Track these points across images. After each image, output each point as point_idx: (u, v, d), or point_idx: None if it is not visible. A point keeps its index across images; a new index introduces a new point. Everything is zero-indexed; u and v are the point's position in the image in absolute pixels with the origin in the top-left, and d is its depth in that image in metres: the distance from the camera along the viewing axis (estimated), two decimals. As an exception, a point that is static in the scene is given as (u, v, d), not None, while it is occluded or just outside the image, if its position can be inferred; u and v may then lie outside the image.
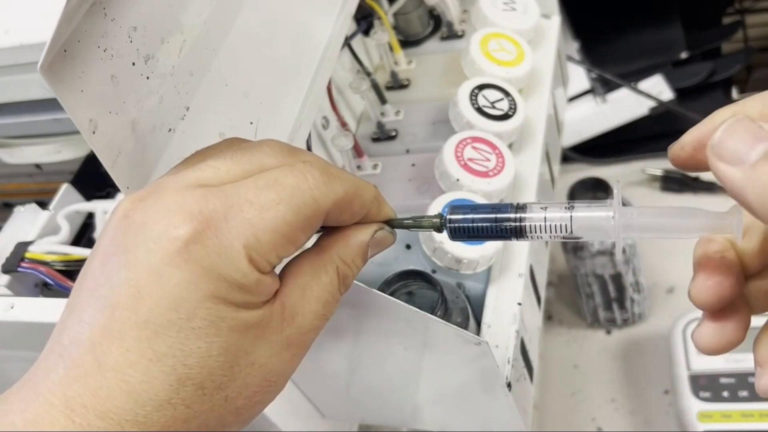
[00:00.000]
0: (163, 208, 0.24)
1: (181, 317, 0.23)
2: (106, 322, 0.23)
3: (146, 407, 0.23)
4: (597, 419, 0.71)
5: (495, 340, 0.41)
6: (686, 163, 0.26)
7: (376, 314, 0.37)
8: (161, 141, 0.30)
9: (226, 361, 0.24)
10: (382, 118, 0.56)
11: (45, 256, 0.44)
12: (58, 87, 0.24)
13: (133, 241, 0.24)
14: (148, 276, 0.23)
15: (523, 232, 0.28)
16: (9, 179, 0.62)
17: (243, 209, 0.25)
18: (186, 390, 0.23)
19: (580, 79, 0.89)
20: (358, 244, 0.29)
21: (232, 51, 0.35)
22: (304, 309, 0.27)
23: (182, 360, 0.23)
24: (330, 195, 0.26)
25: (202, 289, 0.24)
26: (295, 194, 0.25)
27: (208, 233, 0.24)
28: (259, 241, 0.24)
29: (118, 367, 0.23)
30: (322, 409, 0.49)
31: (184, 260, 0.23)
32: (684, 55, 0.93)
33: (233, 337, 0.24)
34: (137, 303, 0.23)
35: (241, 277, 0.24)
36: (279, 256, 0.26)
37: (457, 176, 0.45)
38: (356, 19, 0.56)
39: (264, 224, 0.25)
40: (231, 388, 0.25)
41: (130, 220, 0.25)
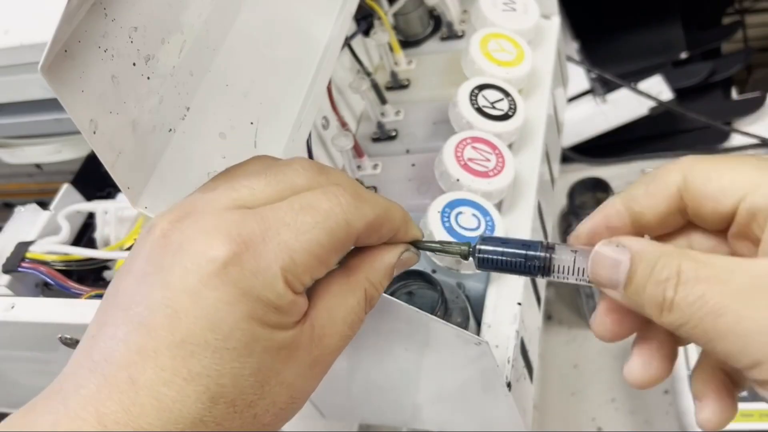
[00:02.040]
0: (201, 229, 0.25)
1: (218, 338, 0.24)
2: (141, 341, 0.24)
3: (178, 425, 0.23)
4: (597, 419, 0.71)
5: (495, 340, 0.41)
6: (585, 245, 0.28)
7: (376, 314, 0.37)
8: (161, 141, 0.30)
9: (257, 380, 0.25)
10: (382, 118, 0.56)
11: (45, 256, 0.44)
12: (59, 87, 0.24)
13: (170, 261, 0.24)
14: (186, 297, 0.24)
15: (550, 271, 0.29)
16: (9, 179, 0.62)
17: (280, 232, 0.25)
18: (218, 408, 0.24)
19: (580, 79, 0.89)
20: (386, 266, 0.30)
21: (232, 51, 0.35)
22: (332, 330, 0.27)
23: (216, 379, 0.24)
24: (362, 219, 0.27)
25: (239, 311, 0.24)
26: (329, 218, 0.26)
27: (247, 255, 0.24)
28: (295, 263, 0.25)
29: (151, 385, 0.23)
30: (322, 409, 0.49)
31: (222, 282, 0.24)
32: (684, 55, 0.93)
33: (266, 357, 0.25)
34: (174, 323, 0.24)
35: (276, 299, 0.25)
36: (312, 277, 0.26)
37: (457, 176, 0.45)
38: (356, 20, 0.56)
39: (300, 246, 0.25)
40: (260, 406, 0.25)
41: (167, 240, 0.25)
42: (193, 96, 0.32)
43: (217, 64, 0.34)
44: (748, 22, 1.05)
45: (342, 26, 0.44)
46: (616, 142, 0.91)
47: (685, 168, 0.27)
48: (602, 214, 0.28)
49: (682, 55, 0.93)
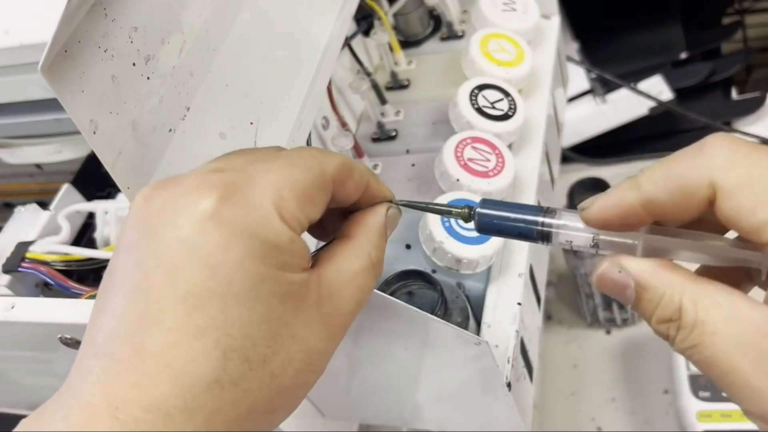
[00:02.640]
0: (184, 187, 0.24)
1: (221, 284, 0.23)
2: (141, 308, 0.23)
3: (194, 389, 0.22)
4: (597, 419, 0.71)
5: (495, 340, 0.41)
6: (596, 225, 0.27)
7: (376, 314, 0.37)
8: (162, 141, 0.30)
9: (269, 329, 0.23)
10: (382, 118, 0.56)
11: (46, 256, 0.44)
12: (59, 87, 0.24)
13: (157, 221, 0.24)
14: (180, 249, 0.23)
15: (550, 236, 0.28)
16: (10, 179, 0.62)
17: (262, 175, 0.25)
18: (232, 364, 0.23)
19: (580, 79, 0.89)
20: (379, 224, 0.30)
21: (232, 51, 0.35)
22: (341, 290, 0.27)
23: (225, 330, 0.22)
24: (331, 161, 0.27)
25: (238, 252, 0.23)
26: (302, 158, 0.26)
27: (236, 197, 0.24)
28: (284, 199, 0.25)
29: (159, 350, 0.22)
30: (322, 408, 0.49)
31: (215, 225, 0.23)
32: (684, 55, 0.93)
33: (274, 303, 0.24)
34: (172, 279, 0.23)
35: (275, 236, 0.24)
36: (305, 215, 0.25)
37: (457, 176, 0.45)
38: (356, 20, 0.56)
39: (285, 182, 0.25)
40: (275, 362, 0.24)
41: (151, 204, 0.24)
42: (193, 96, 0.32)
43: (217, 64, 0.34)
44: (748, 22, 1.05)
45: (342, 26, 0.44)
46: (616, 142, 0.91)
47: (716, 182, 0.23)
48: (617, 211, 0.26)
49: (682, 55, 0.93)
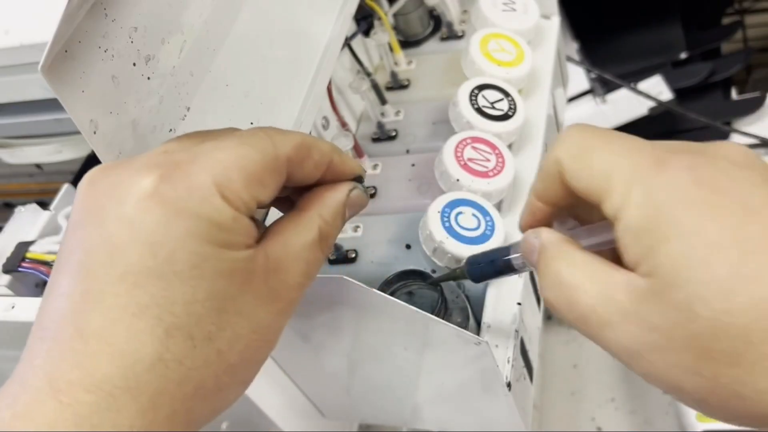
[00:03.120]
0: (128, 168, 0.24)
1: (161, 262, 0.22)
2: (83, 287, 0.23)
3: (136, 368, 0.22)
4: (597, 419, 0.71)
5: (495, 340, 0.41)
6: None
7: (376, 314, 0.37)
8: (162, 141, 0.30)
9: (213, 306, 0.23)
10: (382, 118, 0.56)
11: (46, 256, 0.44)
12: (59, 87, 0.24)
13: (101, 201, 0.24)
14: (121, 227, 0.23)
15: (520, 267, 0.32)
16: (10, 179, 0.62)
17: (209, 153, 0.25)
18: (175, 342, 0.22)
19: (580, 79, 0.89)
20: (336, 202, 0.29)
21: (232, 51, 0.35)
22: (287, 264, 0.27)
23: (167, 308, 0.22)
24: (287, 141, 0.27)
25: (179, 229, 0.23)
26: (254, 138, 0.26)
27: (177, 174, 0.24)
28: (229, 178, 0.24)
29: (101, 330, 0.22)
30: (322, 408, 0.49)
31: (155, 203, 0.23)
32: (683, 55, 0.93)
33: (218, 280, 0.23)
34: (112, 257, 0.22)
35: (217, 215, 0.24)
36: (252, 195, 0.25)
37: (457, 176, 0.45)
38: (356, 20, 0.56)
39: (231, 161, 0.25)
40: (221, 339, 0.24)
41: (95, 185, 0.24)
42: (193, 96, 0.32)
43: (217, 64, 0.34)
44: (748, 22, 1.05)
45: (342, 26, 0.44)
46: (616, 142, 0.91)
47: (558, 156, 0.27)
48: (527, 212, 0.31)
49: (682, 55, 0.93)
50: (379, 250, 0.46)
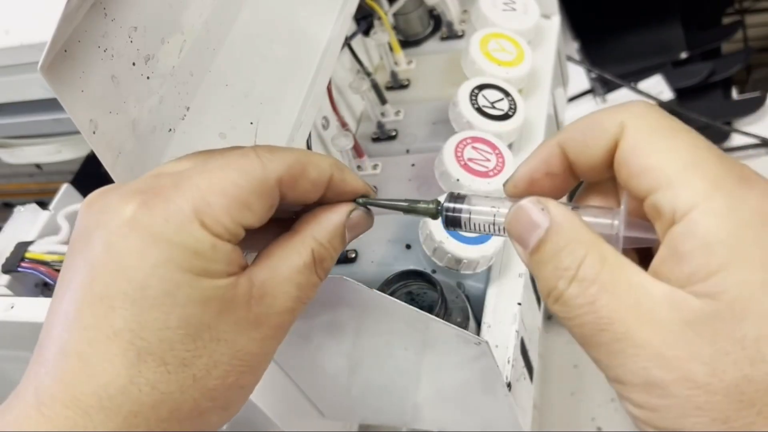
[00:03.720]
0: (120, 192, 0.25)
1: (134, 287, 0.23)
2: (67, 306, 0.23)
3: (109, 389, 0.22)
4: (597, 419, 0.71)
5: (495, 340, 0.41)
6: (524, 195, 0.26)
7: (376, 314, 0.37)
8: (161, 141, 0.30)
9: (187, 334, 0.23)
10: (382, 118, 0.56)
11: (45, 256, 0.44)
12: (59, 87, 0.24)
13: (91, 224, 0.24)
14: (100, 251, 0.23)
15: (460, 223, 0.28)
16: (9, 179, 0.62)
17: (191, 177, 0.25)
18: (147, 367, 0.23)
19: (580, 79, 0.89)
20: (333, 224, 0.29)
21: (232, 51, 0.35)
22: (275, 289, 0.26)
23: (139, 333, 0.23)
24: (278, 161, 0.26)
25: (153, 256, 0.23)
26: (242, 159, 0.26)
27: (156, 201, 0.24)
28: (209, 204, 0.24)
29: (79, 349, 0.23)
30: (322, 408, 0.49)
31: (132, 229, 0.23)
32: (684, 55, 0.93)
33: (192, 308, 0.23)
34: (92, 279, 0.23)
35: (194, 242, 0.24)
36: (234, 221, 0.25)
37: (457, 176, 0.45)
38: (356, 19, 0.56)
39: (213, 186, 0.24)
40: (197, 365, 0.24)
41: (90, 208, 0.25)
42: (193, 96, 0.32)
43: (217, 64, 0.34)
44: (748, 22, 1.05)
45: (342, 26, 0.44)
46: (616, 142, 0.91)
47: (625, 122, 0.24)
48: (540, 157, 0.26)
49: (682, 55, 0.93)
50: (379, 250, 0.46)
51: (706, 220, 0.21)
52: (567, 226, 0.24)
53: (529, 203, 0.25)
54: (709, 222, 0.21)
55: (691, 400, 0.20)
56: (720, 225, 0.20)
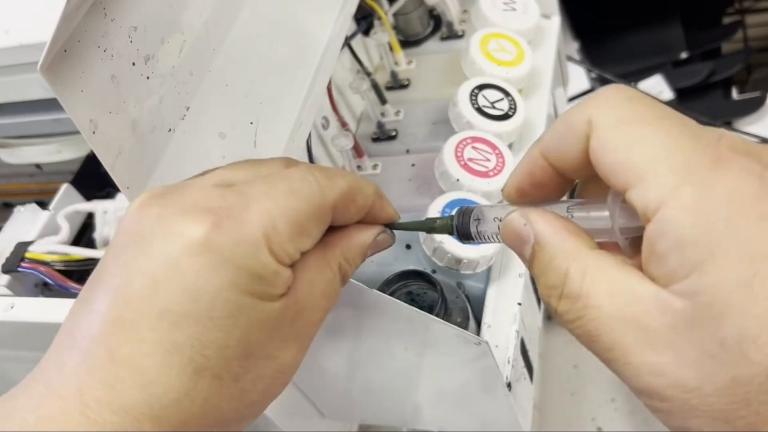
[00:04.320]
0: (181, 202, 0.25)
1: (200, 307, 0.23)
2: (118, 312, 0.23)
3: (163, 400, 0.23)
4: (597, 419, 0.71)
5: (495, 340, 0.41)
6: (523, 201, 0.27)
7: (376, 314, 0.37)
8: (161, 141, 0.30)
9: (243, 352, 0.24)
10: (382, 118, 0.56)
11: (45, 256, 0.44)
12: (58, 87, 0.24)
13: (150, 232, 0.24)
14: (166, 266, 0.23)
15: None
16: (9, 179, 0.62)
17: (259, 200, 0.25)
18: (204, 382, 0.23)
19: (580, 79, 0.89)
20: (361, 244, 0.29)
21: (232, 51, 0.35)
22: (311, 303, 0.27)
23: (200, 350, 0.23)
24: (334, 187, 0.27)
25: (221, 280, 0.23)
26: (304, 184, 0.26)
27: (228, 223, 0.24)
28: (277, 231, 0.25)
29: (132, 358, 0.23)
30: (322, 409, 0.49)
31: (203, 250, 0.23)
32: (684, 55, 0.93)
33: (251, 329, 0.24)
34: (153, 293, 0.23)
35: (260, 268, 0.24)
36: (296, 247, 0.26)
37: (457, 176, 0.45)
38: (356, 19, 0.56)
39: (280, 213, 0.25)
40: (246, 380, 0.25)
41: (146, 212, 0.25)
42: (193, 96, 0.32)
43: (217, 64, 0.34)
44: (748, 22, 1.05)
45: (342, 26, 0.44)
46: (616, 142, 0.91)
47: (592, 119, 0.23)
48: (524, 168, 0.26)
49: (682, 55, 0.93)
50: (379, 250, 0.46)
51: (676, 218, 0.20)
52: (549, 239, 0.24)
53: (513, 217, 0.25)
54: (679, 219, 0.20)
55: (687, 402, 0.20)
56: (691, 221, 0.19)
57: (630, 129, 0.22)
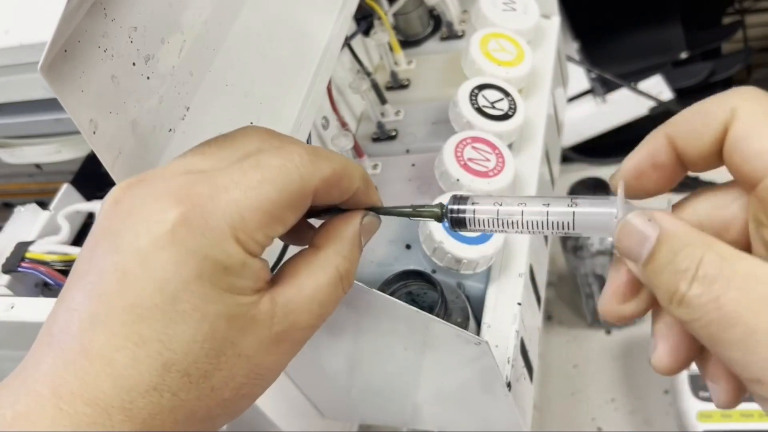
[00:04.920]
0: (150, 193, 0.25)
1: (166, 300, 0.23)
2: (93, 307, 0.23)
3: (132, 393, 0.23)
4: (597, 419, 0.71)
5: (495, 340, 0.41)
6: (633, 189, 0.27)
7: (376, 314, 0.37)
8: (161, 141, 0.30)
9: (212, 348, 0.24)
10: (382, 118, 0.56)
11: (45, 256, 0.44)
12: (59, 87, 0.24)
13: (121, 226, 0.24)
14: (135, 259, 0.23)
15: (519, 225, 0.28)
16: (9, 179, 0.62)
17: (228, 190, 0.25)
18: (171, 376, 0.23)
19: (580, 79, 0.89)
20: (352, 234, 0.29)
21: (232, 51, 0.35)
22: (299, 307, 0.27)
23: (167, 344, 0.23)
24: (317, 173, 0.27)
25: (187, 271, 0.23)
26: (281, 173, 0.26)
27: (194, 214, 0.24)
28: (244, 220, 0.24)
29: (104, 352, 0.23)
30: (322, 409, 0.49)
31: (170, 242, 0.23)
32: (684, 55, 0.93)
33: (219, 324, 0.24)
34: (123, 287, 0.23)
35: (226, 258, 0.24)
36: (267, 235, 0.25)
37: (457, 176, 0.45)
38: (356, 19, 0.56)
39: (249, 203, 0.25)
40: (217, 377, 0.24)
41: (118, 207, 0.25)
42: (193, 96, 0.32)
43: (217, 64, 0.34)
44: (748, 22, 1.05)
45: (342, 26, 0.44)
46: (616, 142, 0.91)
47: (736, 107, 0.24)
48: (646, 149, 0.26)
49: (682, 55, 0.93)
50: (379, 250, 0.46)
51: None
52: (678, 232, 0.24)
53: (635, 217, 0.25)
54: None
55: None
56: None
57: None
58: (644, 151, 0.27)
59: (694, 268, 0.22)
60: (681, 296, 0.23)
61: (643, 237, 0.24)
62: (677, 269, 0.23)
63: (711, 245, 0.23)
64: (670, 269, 0.23)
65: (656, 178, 0.27)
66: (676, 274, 0.23)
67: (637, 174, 0.27)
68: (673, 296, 0.23)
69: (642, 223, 0.24)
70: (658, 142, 0.26)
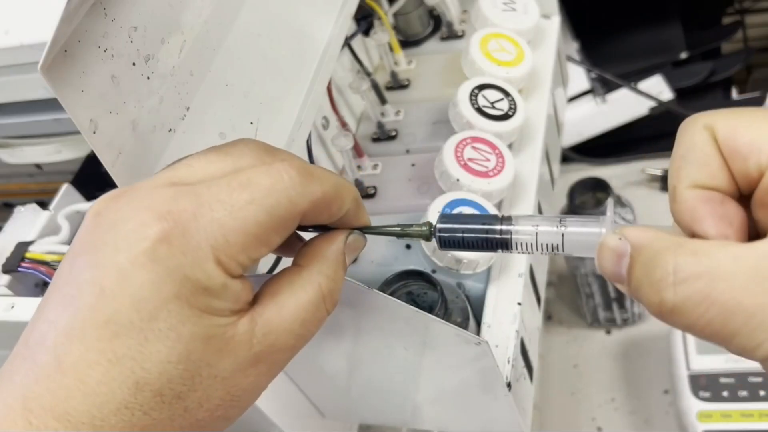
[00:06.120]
0: (133, 206, 0.24)
1: (143, 318, 0.23)
2: (68, 321, 0.23)
3: (103, 410, 0.23)
4: (597, 419, 0.71)
5: (495, 340, 0.41)
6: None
7: (376, 314, 0.37)
8: (161, 141, 0.30)
9: (186, 369, 0.24)
10: (382, 118, 0.56)
11: (45, 256, 0.44)
12: (59, 87, 0.24)
13: (102, 239, 0.24)
14: (114, 275, 0.23)
15: (508, 245, 0.28)
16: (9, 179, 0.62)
17: (213, 209, 0.24)
18: (144, 395, 0.23)
19: (580, 79, 0.89)
20: (336, 254, 0.29)
21: (232, 51, 0.35)
22: (279, 327, 0.26)
23: (140, 363, 0.23)
24: (307, 195, 0.26)
25: (166, 291, 0.23)
26: (270, 194, 0.25)
27: (176, 233, 0.23)
28: (228, 243, 0.24)
29: (77, 367, 0.23)
30: (322, 409, 0.49)
31: (150, 260, 0.23)
32: (684, 55, 0.93)
33: (194, 345, 0.24)
34: (100, 302, 0.23)
35: (206, 279, 0.24)
36: (250, 257, 0.25)
37: (457, 176, 0.45)
38: (356, 19, 0.56)
39: (234, 225, 0.24)
40: (191, 398, 0.24)
41: (100, 219, 0.25)
42: (193, 96, 0.32)
43: (217, 64, 0.34)
44: (748, 22, 1.05)
45: (342, 26, 0.44)
46: (616, 142, 0.91)
47: (707, 120, 0.24)
48: (695, 210, 0.24)
49: (682, 55, 0.93)
50: (379, 250, 0.46)
51: None
52: (646, 242, 0.23)
53: (608, 238, 0.24)
54: None
55: None
56: None
57: (747, 114, 0.23)
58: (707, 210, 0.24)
59: (671, 273, 0.22)
60: (670, 305, 0.22)
61: (619, 256, 0.24)
62: (654, 280, 0.22)
63: (681, 245, 0.22)
64: (648, 282, 0.23)
65: (733, 210, 0.24)
66: (656, 285, 0.22)
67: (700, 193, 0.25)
68: (662, 308, 0.22)
69: (614, 242, 0.24)
70: (697, 197, 0.24)
